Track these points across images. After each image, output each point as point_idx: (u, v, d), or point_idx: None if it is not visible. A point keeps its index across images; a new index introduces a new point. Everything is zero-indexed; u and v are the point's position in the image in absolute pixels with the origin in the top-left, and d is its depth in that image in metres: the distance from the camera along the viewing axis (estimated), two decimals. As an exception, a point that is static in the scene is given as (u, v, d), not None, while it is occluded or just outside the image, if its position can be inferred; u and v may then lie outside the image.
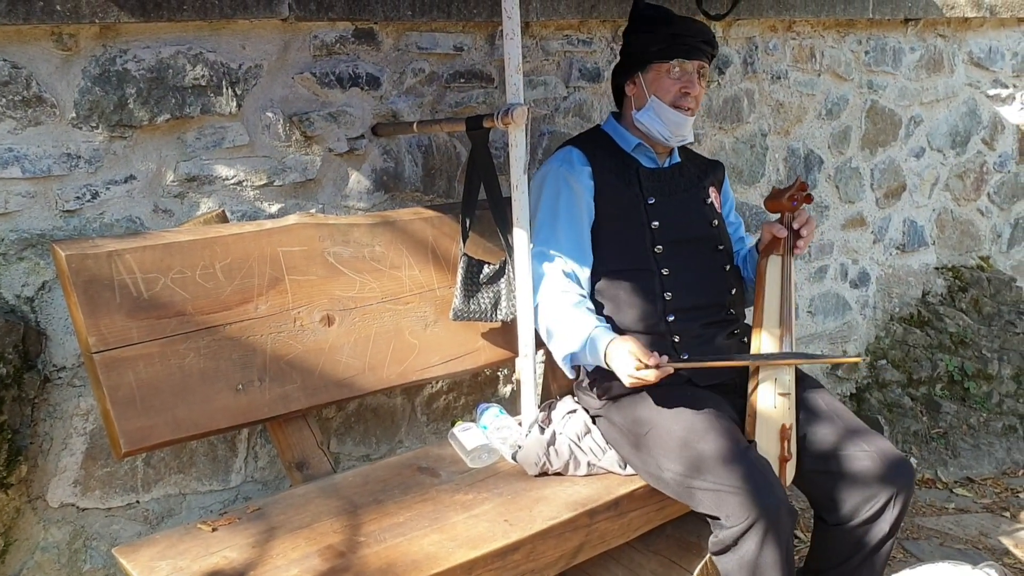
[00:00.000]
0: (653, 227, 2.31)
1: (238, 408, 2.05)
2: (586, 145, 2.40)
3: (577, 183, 2.32)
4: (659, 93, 2.33)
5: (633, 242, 2.32)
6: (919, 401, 3.77)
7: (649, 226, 2.32)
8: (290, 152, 2.39)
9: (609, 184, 2.34)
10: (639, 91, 2.37)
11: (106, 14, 2.03)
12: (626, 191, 2.34)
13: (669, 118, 2.32)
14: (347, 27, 2.42)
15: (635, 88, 2.39)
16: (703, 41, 2.33)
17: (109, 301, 1.91)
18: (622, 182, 2.35)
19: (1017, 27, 4.14)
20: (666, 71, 2.32)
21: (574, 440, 2.27)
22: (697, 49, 2.32)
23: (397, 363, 2.29)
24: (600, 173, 2.34)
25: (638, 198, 2.34)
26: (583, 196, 2.32)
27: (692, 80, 2.32)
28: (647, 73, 2.35)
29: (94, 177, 2.13)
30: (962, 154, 4.14)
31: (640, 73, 2.36)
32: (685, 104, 2.32)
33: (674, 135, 2.35)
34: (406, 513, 2.00)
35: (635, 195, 2.34)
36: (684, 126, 2.35)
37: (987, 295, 4.19)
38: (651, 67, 2.34)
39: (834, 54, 3.55)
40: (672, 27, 2.33)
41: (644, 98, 2.35)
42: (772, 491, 1.99)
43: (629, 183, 2.35)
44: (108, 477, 2.25)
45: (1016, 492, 3.46)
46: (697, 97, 2.34)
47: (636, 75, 2.37)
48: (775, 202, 2.46)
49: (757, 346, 2.30)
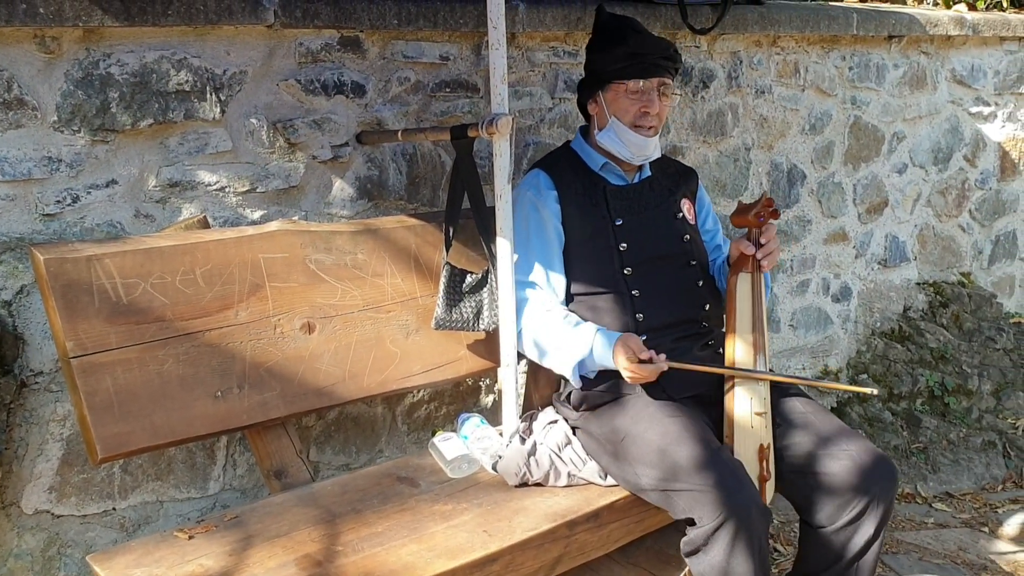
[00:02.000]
0: (621, 249, 2.31)
1: (217, 415, 2.04)
2: (553, 168, 2.39)
3: (544, 208, 2.32)
4: (618, 113, 2.31)
5: (602, 264, 2.32)
6: (899, 416, 3.79)
7: (617, 248, 2.31)
8: (273, 159, 2.39)
9: (576, 207, 2.33)
10: (600, 110, 2.36)
11: (90, 17, 2.02)
12: (593, 213, 2.33)
13: (630, 139, 2.31)
14: (333, 35, 2.42)
15: (596, 107, 2.37)
16: (662, 57, 2.30)
17: (88, 306, 1.90)
18: (589, 204, 2.34)
19: (999, 46, 4.19)
20: (624, 91, 2.30)
21: (555, 451, 2.26)
22: (656, 66, 2.29)
23: (378, 372, 2.28)
24: (566, 197, 2.33)
25: (605, 220, 2.33)
26: (551, 221, 2.32)
27: (651, 99, 2.29)
28: (607, 92, 2.33)
29: (75, 181, 2.12)
30: (944, 171, 4.17)
31: (600, 92, 2.34)
32: (645, 123, 2.30)
33: (636, 155, 2.35)
34: (385, 523, 1.99)
35: (602, 217, 2.33)
36: (646, 147, 2.33)
37: (968, 311, 4.22)
38: (610, 86, 2.32)
39: (818, 69, 3.57)
40: (629, 45, 2.29)
41: (605, 118, 2.34)
42: (743, 490, 1.99)
43: (596, 204, 2.34)
44: (84, 484, 2.23)
45: (995, 507, 3.47)
46: (659, 115, 2.32)
47: (597, 94, 2.36)
48: (741, 218, 2.41)
49: (730, 364, 2.30)
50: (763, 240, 2.35)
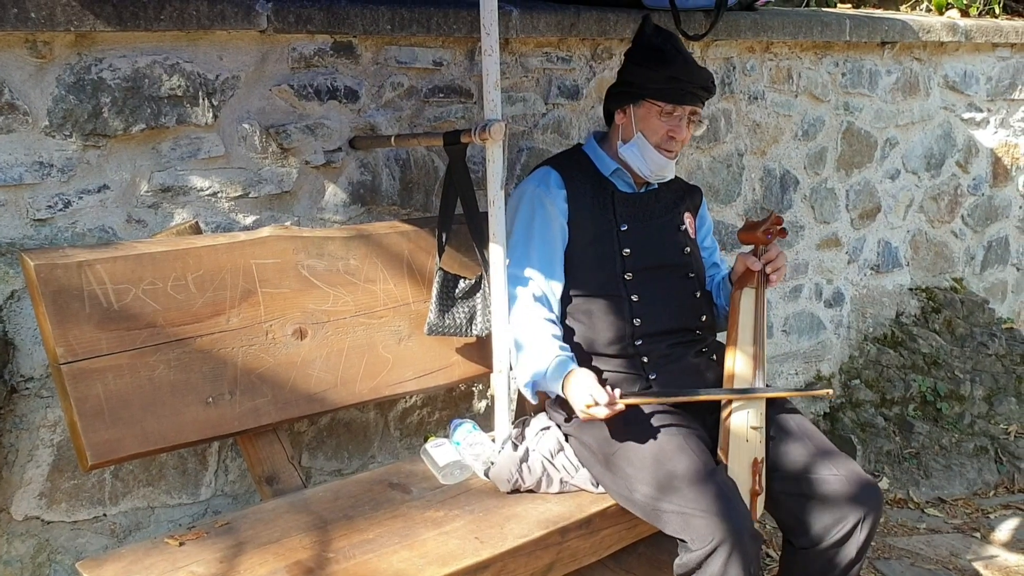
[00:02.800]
0: (624, 254, 2.32)
1: (208, 421, 2.03)
2: (564, 167, 2.40)
3: (552, 206, 2.32)
4: (646, 131, 2.33)
5: (604, 268, 2.32)
6: (892, 421, 3.79)
7: (620, 253, 2.32)
8: (266, 164, 2.38)
9: (583, 209, 2.34)
10: (628, 123, 2.37)
11: (81, 22, 2.02)
12: (600, 216, 2.34)
13: (652, 158, 2.33)
14: (326, 40, 2.42)
15: (624, 119, 2.38)
16: (701, 87, 2.32)
17: (78, 312, 1.89)
18: (596, 207, 2.35)
19: (992, 52, 4.20)
20: (657, 112, 2.31)
21: (547, 457, 2.26)
22: (693, 95, 2.31)
23: (370, 377, 2.28)
24: (575, 197, 2.34)
25: (611, 224, 2.34)
26: (557, 219, 2.32)
27: (681, 125, 2.32)
28: (639, 108, 2.34)
29: (66, 186, 2.11)
30: (937, 176, 4.18)
31: (632, 106, 2.35)
32: (670, 147, 2.33)
33: (654, 174, 2.37)
34: (376, 529, 1.99)
35: (608, 221, 2.34)
36: (666, 168, 2.36)
37: (960, 316, 4.23)
38: (643, 103, 2.33)
39: (811, 76, 3.58)
40: (672, 69, 2.30)
41: (631, 132, 2.35)
42: (738, 514, 1.99)
43: (603, 208, 2.35)
44: (75, 490, 2.22)
45: (987, 513, 3.48)
46: (683, 141, 2.35)
47: (627, 106, 2.37)
48: (749, 234, 2.46)
49: (729, 378, 2.30)
50: (770, 256, 2.37)
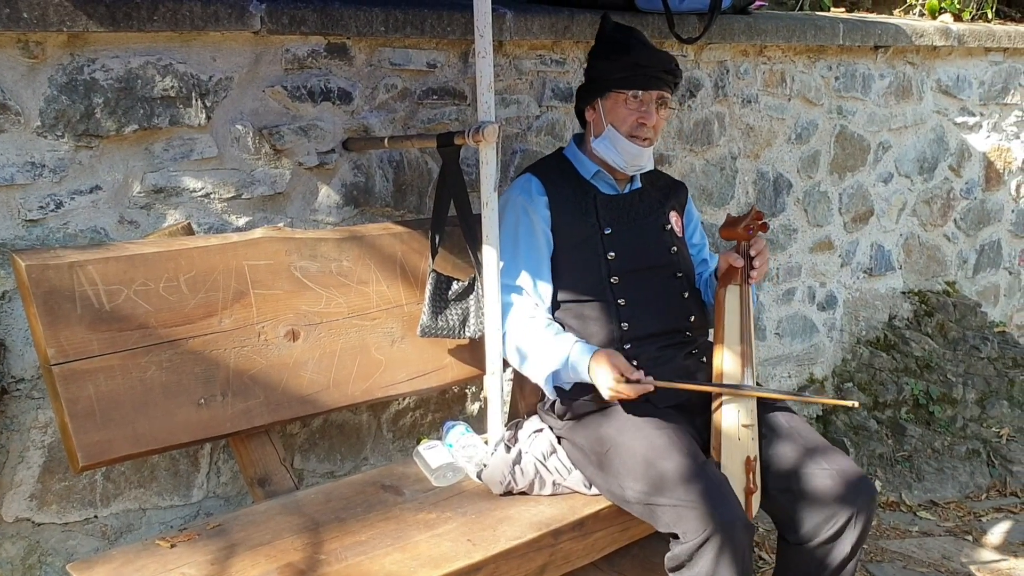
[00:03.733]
0: (609, 257, 2.32)
1: (200, 423, 2.03)
2: (544, 173, 2.39)
3: (534, 213, 2.32)
4: (616, 122, 2.32)
5: (589, 272, 2.32)
6: (884, 424, 3.80)
7: (605, 256, 2.32)
8: (259, 165, 2.38)
9: (565, 214, 2.33)
10: (598, 117, 2.37)
11: (74, 22, 2.01)
12: (583, 221, 2.34)
13: (625, 148, 2.32)
14: (320, 41, 2.42)
15: (594, 114, 2.38)
16: (664, 71, 2.32)
17: (69, 313, 1.89)
18: (579, 211, 2.35)
19: (985, 56, 4.21)
20: (624, 100, 2.31)
21: (540, 459, 2.26)
22: (657, 79, 2.31)
23: (363, 379, 2.28)
24: (556, 203, 2.34)
25: (594, 228, 2.34)
26: (540, 226, 2.32)
27: (649, 111, 2.31)
28: (606, 100, 2.34)
29: (58, 187, 2.11)
30: (929, 180, 4.19)
31: (599, 99, 2.36)
32: (641, 135, 2.32)
33: (630, 165, 2.36)
34: (368, 531, 1.98)
35: (591, 225, 2.34)
36: (640, 156, 2.34)
37: (953, 320, 4.24)
38: (610, 95, 2.33)
39: (804, 79, 3.59)
40: (633, 56, 2.31)
41: (602, 126, 2.35)
42: (728, 506, 2.00)
43: (586, 212, 2.35)
44: (66, 491, 2.21)
45: (979, 516, 3.49)
46: (655, 127, 2.33)
47: (596, 101, 2.37)
48: (731, 231, 2.44)
49: (718, 376, 2.30)
50: (752, 253, 2.36)
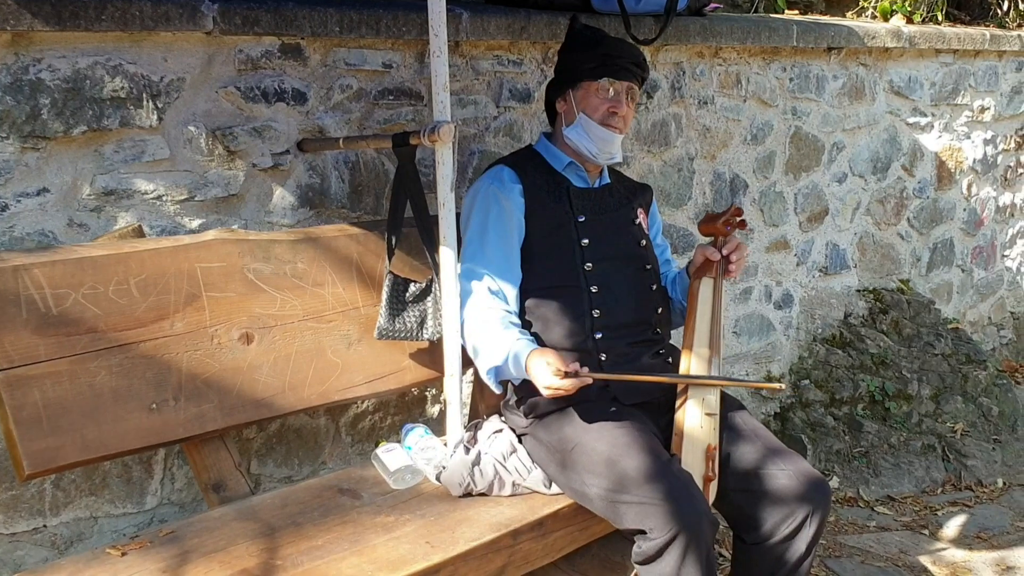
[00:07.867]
0: (583, 244, 2.34)
1: (151, 428, 1.99)
2: (517, 163, 2.42)
3: (508, 201, 2.33)
4: (588, 110, 2.36)
5: (563, 259, 2.34)
6: (841, 421, 3.85)
7: (579, 243, 2.34)
8: (212, 167, 2.35)
9: (540, 202, 2.36)
10: (569, 108, 2.40)
11: (18, 21, 1.97)
12: (556, 209, 2.36)
13: (597, 134, 2.35)
14: (273, 42, 2.39)
15: (565, 105, 2.42)
16: (633, 63, 2.38)
17: (15, 317, 1.85)
18: (552, 200, 2.37)
19: (935, 58, 4.29)
20: (595, 90, 2.35)
21: (499, 460, 2.25)
22: (626, 70, 2.36)
23: (319, 382, 2.25)
24: (531, 191, 2.36)
25: (568, 216, 2.36)
26: (514, 214, 2.33)
27: (620, 100, 2.36)
28: (577, 90, 2.38)
29: (3, 189, 2.06)
30: (883, 180, 4.25)
31: (571, 90, 2.40)
32: (612, 123, 2.35)
33: (601, 152, 2.38)
34: (325, 536, 1.96)
35: (565, 213, 2.36)
36: (612, 143, 2.37)
37: (907, 317, 4.30)
38: (581, 85, 2.37)
39: (759, 81, 3.62)
40: (603, 47, 2.37)
41: (573, 114, 2.39)
42: (694, 503, 2.01)
43: (559, 201, 2.37)
44: (12, 500, 2.16)
45: (935, 510, 3.54)
46: (625, 117, 2.38)
47: (567, 92, 2.41)
48: (709, 226, 2.50)
49: (686, 366, 2.32)
50: (731, 248, 2.41)
